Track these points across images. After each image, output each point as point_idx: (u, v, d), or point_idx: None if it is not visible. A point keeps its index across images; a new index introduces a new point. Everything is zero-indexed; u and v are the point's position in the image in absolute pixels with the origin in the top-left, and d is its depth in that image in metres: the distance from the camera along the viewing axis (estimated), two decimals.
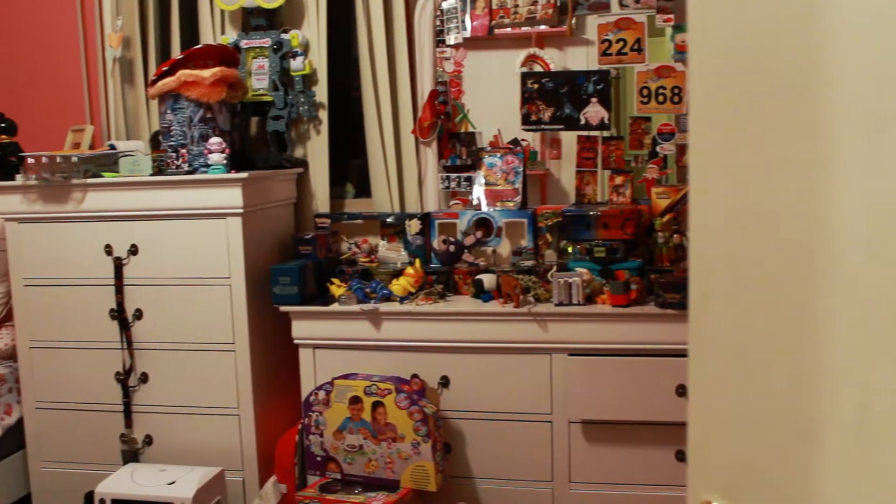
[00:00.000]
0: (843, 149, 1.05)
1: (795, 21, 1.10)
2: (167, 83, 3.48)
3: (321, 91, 3.88)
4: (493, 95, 3.72)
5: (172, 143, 3.50)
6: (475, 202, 3.68)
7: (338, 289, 3.48)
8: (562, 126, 3.56)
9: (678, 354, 3.01)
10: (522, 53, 3.64)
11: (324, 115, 3.89)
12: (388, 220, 3.75)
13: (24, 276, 3.65)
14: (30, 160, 3.53)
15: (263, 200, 3.60)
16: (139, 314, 3.55)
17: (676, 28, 3.44)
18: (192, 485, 3.23)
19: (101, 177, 3.53)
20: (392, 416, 3.20)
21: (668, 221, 3.33)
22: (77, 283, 3.60)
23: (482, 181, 3.65)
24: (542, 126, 3.58)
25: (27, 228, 3.63)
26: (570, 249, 3.41)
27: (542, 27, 3.60)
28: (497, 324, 3.27)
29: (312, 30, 3.87)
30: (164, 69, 3.51)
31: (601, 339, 3.16)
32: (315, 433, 3.32)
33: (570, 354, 3.19)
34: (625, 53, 3.49)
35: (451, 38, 3.71)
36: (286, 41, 3.82)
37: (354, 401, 3.25)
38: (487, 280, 3.39)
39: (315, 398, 3.31)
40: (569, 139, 3.65)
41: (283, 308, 3.46)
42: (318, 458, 3.34)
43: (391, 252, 3.71)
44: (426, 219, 3.67)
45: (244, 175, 3.38)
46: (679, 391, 3.03)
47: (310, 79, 3.87)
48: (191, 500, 3.18)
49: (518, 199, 3.59)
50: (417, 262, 3.53)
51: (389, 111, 3.79)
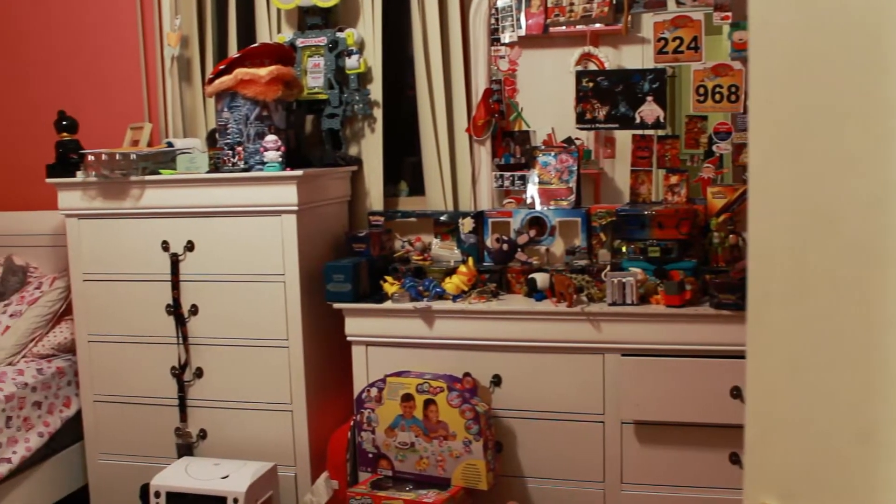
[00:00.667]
0: None
1: (861, 17, 1.08)
2: (224, 81, 3.51)
3: (376, 89, 3.89)
4: (548, 94, 3.71)
5: (229, 141, 3.54)
6: (529, 201, 3.67)
7: (391, 286, 3.49)
8: (617, 125, 3.54)
9: (733, 356, 2.98)
10: (577, 52, 3.62)
11: (378, 114, 3.90)
12: (442, 219, 3.75)
13: (84, 272, 3.72)
14: (90, 157, 3.59)
15: (318, 198, 3.62)
16: (195, 310, 3.59)
17: (734, 26, 3.40)
18: (246, 479, 3.27)
19: (159, 174, 3.58)
20: (444, 414, 3.20)
21: (724, 221, 3.30)
22: (134, 279, 3.65)
23: (536, 180, 3.64)
24: (597, 125, 3.56)
25: (87, 224, 3.69)
26: (624, 249, 3.39)
27: (598, 25, 3.58)
28: (549, 323, 3.26)
29: (368, 28, 3.89)
30: (221, 68, 3.55)
31: (654, 340, 3.14)
32: (367, 430, 3.33)
33: (623, 355, 3.17)
34: (681, 52, 3.46)
35: (506, 37, 3.70)
36: (341, 40, 3.84)
37: (406, 398, 3.25)
38: (540, 279, 3.37)
39: (367, 395, 3.33)
40: (623, 138, 3.63)
41: (337, 305, 3.48)
42: (370, 455, 3.35)
43: (444, 250, 3.71)
44: (479, 217, 3.67)
45: (299, 173, 3.40)
46: (733, 393, 2.99)
47: (365, 77, 3.88)
48: (244, 495, 3.21)
49: (572, 198, 3.58)
50: (470, 261, 3.53)
51: (444, 109, 3.80)
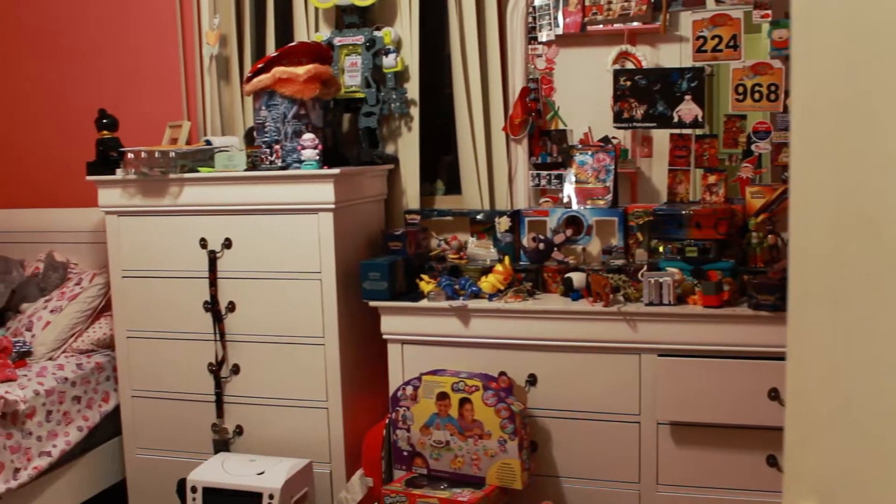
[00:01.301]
0: None
1: None
2: (262, 80, 3.53)
3: (413, 88, 3.90)
4: (585, 93, 3.69)
5: (266, 139, 3.56)
6: (565, 200, 3.65)
7: (427, 285, 3.49)
8: (654, 124, 3.52)
9: (771, 357, 2.95)
10: (614, 50, 3.60)
11: (415, 112, 3.90)
12: (478, 217, 3.75)
13: (123, 268, 3.76)
14: (129, 155, 3.63)
15: (355, 196, 3.63)
16: (232, 307, 3.61)
17: (774, 24, 3.36)
18: (281, 475, 3.28)
19: (197, 171, 3.61)
20: (479, 413, 3.20)
21: (763, 221, 3.27)
22: (172, 276, 3.68)
23: (573, 179, 3.63)
24: (635, 124, 3.54)
25: (126, 221, 3.73)
26: (661, 249, 3.36)
27: (636, 24, 3.55)
28: (586, 322, 3.25)
29: (405, 27, 3.89)
30: (260, 66, 3.57)
31: (692, 340, 3.12)
32: (402, 428, 3.34)
33: (660, 355, 3.15)
34: (720, 50, 3.43)
35: (543, 35, 3.69)
36: (379, 38, 3.84)
37: (442, 397, 3.26)
38: (577, 278, 3.36)
39: (402, 393, 3.33)
40: (660, 137, 3.60)
41: (373, 303, 3.49)
42: (405, 453, 3.36)
43: (480, 249, 3.71)
44: (516, 216, 3.66)
45: (336, 171, 3.42)
46: (771, 394, 2.96)
47: (402, 76, 3.89)
48: (279, 491, 3.23)
49: (609, 198, 3.56)
50: (507, 260, 3.52)
51: (480, 108, 3.79)
